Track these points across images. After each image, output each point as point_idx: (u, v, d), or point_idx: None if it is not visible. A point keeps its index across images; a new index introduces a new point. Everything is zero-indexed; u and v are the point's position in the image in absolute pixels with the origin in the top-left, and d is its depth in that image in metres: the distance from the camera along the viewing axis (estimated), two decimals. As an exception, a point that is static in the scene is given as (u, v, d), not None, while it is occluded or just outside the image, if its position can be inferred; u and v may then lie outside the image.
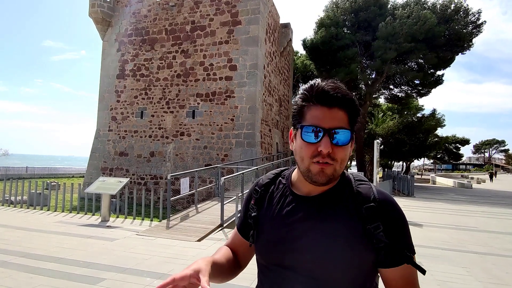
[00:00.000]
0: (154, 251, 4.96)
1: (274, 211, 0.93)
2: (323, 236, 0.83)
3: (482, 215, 10.83)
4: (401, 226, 0.84)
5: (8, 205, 8.80)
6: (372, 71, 21.51)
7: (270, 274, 0.91)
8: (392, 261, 0.82)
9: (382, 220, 0.82)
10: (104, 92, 15.30)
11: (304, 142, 0.82)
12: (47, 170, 25.81)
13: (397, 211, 0.85)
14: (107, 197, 7.37)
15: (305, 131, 0.82)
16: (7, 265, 4.12)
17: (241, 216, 1.06)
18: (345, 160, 0.84)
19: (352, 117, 0.83)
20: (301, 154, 0.84)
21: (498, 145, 76.58)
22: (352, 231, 0.82)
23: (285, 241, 0.87)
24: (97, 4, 14.83)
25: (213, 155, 13.15)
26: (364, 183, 0.90)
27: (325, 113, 0.81)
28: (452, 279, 4.22)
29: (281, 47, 17.05)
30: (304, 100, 0.84)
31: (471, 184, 27.29)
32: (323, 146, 0.79)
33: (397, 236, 0.83)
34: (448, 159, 54.30)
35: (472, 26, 18.54)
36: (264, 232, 0.93)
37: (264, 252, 0.92)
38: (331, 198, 0.88)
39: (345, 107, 0.82)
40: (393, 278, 0.84)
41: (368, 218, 0.82)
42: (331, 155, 0.80)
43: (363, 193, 0.86)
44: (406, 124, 28.16)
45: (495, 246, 6.29)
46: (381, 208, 0.84)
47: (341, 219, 0.84)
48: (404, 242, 0.84)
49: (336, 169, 0.83)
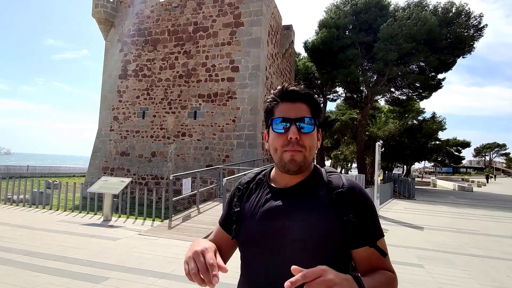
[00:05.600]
0: (156, 250, 5.00)
1: (254, 204, 1.01)
2: (300, 222, 0.90)
3: (483, 218, 10.85)
4: (368, 210, 0.93)
5: (11, 203, 8.84)
6: (374, 73, 21.55)
7: (253, 265, 0.97)
8: (359, 242, 0.89)
9: (352, 205, 0.91)
10: (106, 92, 15.35)
11: (275, 133, 0.94)
12: (48, 169, 25.86)
13: (364, 196, 0.94)
14: (110, 196, 7.40)
15: (274, 123, 0.94)
16: (12, 264, 4.15)
17: (224, 212, 1.12)
18: (313, 147, 0.95)
19: (314, 109, 0.96)
20: (273, 145, 0.95)
21: (499, 149, 76.44)
22: (325, 215, 0.91)
23: (266, 231, 0.94)
24: (100, 5, 14.89)
25: (214, 156, 13.18)
26: (334, 173, 1.01)
27: (290, 107, 0.94)
28: (453, 281, 4.25)
29: (283, 49, 17.09)
30: (273, 101, 0.97)
31: (471, 187, 27.27)
32: (292, 133, 0.90)
33: (365, 219, 0.90)
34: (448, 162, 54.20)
35: (473, 30, 18.57)
36: (246, 225, 0.99)
37: (247, 244, 0.99)
38: (305, 187, 0.97)
39: (307, 101, 0.96)
40: (361, 259, 0.91)
41: (338, 203, 0.91)
42: (300, 142, 0.91)
43: (334, 182, 0.96)
44: (407, 127, 28.16)
45: (496, 249, 6.31)
46: (350, 193, 0.93)
47: (315, 205, 0.93)
48: (371, 225, 0.91)
49: (306, 156, 0.93)
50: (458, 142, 48.32)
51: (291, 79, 20.22)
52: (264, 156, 13.65)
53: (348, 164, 45.42)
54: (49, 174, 24.42)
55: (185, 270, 0.83)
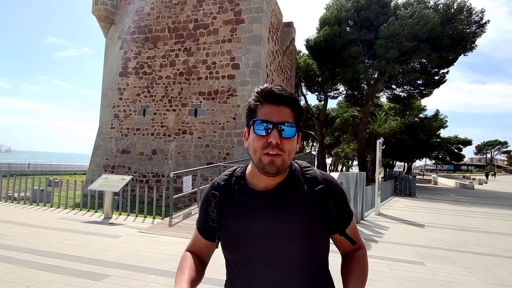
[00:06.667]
0: (157, 248, 4.99)
1: (235, 209, 1.00)
2: (284, 224, 0.94)
3: (484, 216, 10.82)
4: (343, 199, 1.04)
5: (12, 201, 8.85)
6: (375, 70, 21.45)
7: (239, 268, 0.98)
8: (341, 227, 1.02)
9: (331, 197, 1.00)
10: (106, 89, 15.33)
11: (256, 135, 0.92)
12: (49, 167, 25.91)
13: (339, 188, 1.05)
14: (110, 194, 7.40)
15: (256, 125, 0.92)
16: (12, 261, 4.15)
17: (201, 220, 1.09)
18: (292, 151, 0.95)
19: (297, 114, 0.96)
20: (253, 147, 0.94)
21: (500, 146, 76.23)
22: (309, 212, 0.96)
23: (250, 235, 0.94)
24: (100, 2, 14.83)
25: (215, 153, 13.17)
26: (310, 168, 1.05)
27: (273, 110, 0.92)
28: (454, 279, 4.23)
29: (284, 46, 17.02)
30: (256, 101, 0.95)
31: (473, 185, 27.24)
32: (272, 137, 0.89)
33: (342, 207, 1.02)
34: (450, 160, 54.13)
35: (475, 26, 18.43)
36: (229, 231, 0.98)
37: (232, 249, 0.98)
38: (285, 188, 0.99)
39: (290, 106, 0.94)
40: (338, 240, 1.06)
41: (319, 198, 0.98)
42: (280, 146, 0.91)
43: (312, 178, 1.02)
44: (408, 125, 28.07)
45: (497, 247, 6.29)
46: (328, 188, 1.01)
47: (298, 204, 0.96)
48: (344, 214, 1.03)
49: (285, 160, 0.93)
50: (460, 140, 48.23)
51: (292, 76, 20.16)
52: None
53: (349, 162, 45.37)
54: (50, 172, 24.48)
55: None
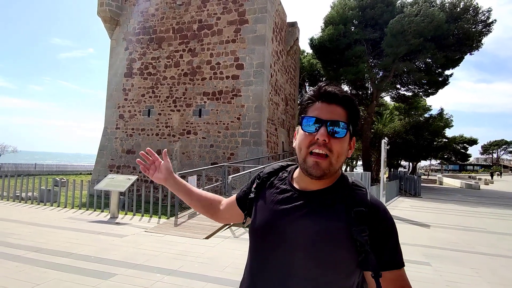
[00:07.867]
0: (163, 247, 5.03)
1: (270, 198, 0.99)
2: (310, 232, 0.86)
3: (490, 216, 10.73)
4: (388, 234, 0.85)
5: (19, 201, 8.95)
6: (379, 69, 21.34)
7: (259, 254, 0.97)
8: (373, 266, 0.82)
9: (370, 225, 0.84)
10: (112, 90, 15.44)
11: (303, 132, 0.89)
12: (55, 167, 26.17)
13: (387, 218, 0.87)
14: (116, 194, 7.46)
15: (305, 121, 0.89)
16: (20, 260, 4.21)
17: (243, 191, 1.15)
18: (341, 154, 0.88)
19: (351, 115, 0.90)
20: (300, 144, 0.90)
21: (506, 146, 75.31)
22: (338, 231, 0.85)
23: (274, 227, 0.93)
24: (105, 3, 14.95)
25: (219, 153, 13.20)
26: (361, 189, 0.92)
27: (324, 107, 0.88)
28: (461, 280, 4.21)
29: (288, 46, 17.01)
30: (309, 99, 0.92)
31: (478, 185, 26.97)
32: (320, 135, 0.85)
33: (382, 241, 0.84)
34: (455, 160, 53.61)
35: (481, 25, 18.26)
36: (258, 215, 0.99)
37: (256, 234, 0.99)
38: (325, 196, 0.91)
39: (344, 105, 0.89)
40: (372, 282, 0.83)
41: (355, 221, 0.84)
42: (328, 146, 0.86)
43: (357, 198, 0.88)
44: (413, 124, 27.89)
45: (504, 247, 6.24)
46: (371, 213, 0.85)
47: (330, 218, 0.87)
48: (388, 248, 0.84)
49: (332, 163, 0.87)
50: (465, 140, 47.74)
51: (296, 76, 20.14)
52: (269, 154, 13.64)
53: (353, 162, 45.18)
54: (56, 172, 24.72)
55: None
